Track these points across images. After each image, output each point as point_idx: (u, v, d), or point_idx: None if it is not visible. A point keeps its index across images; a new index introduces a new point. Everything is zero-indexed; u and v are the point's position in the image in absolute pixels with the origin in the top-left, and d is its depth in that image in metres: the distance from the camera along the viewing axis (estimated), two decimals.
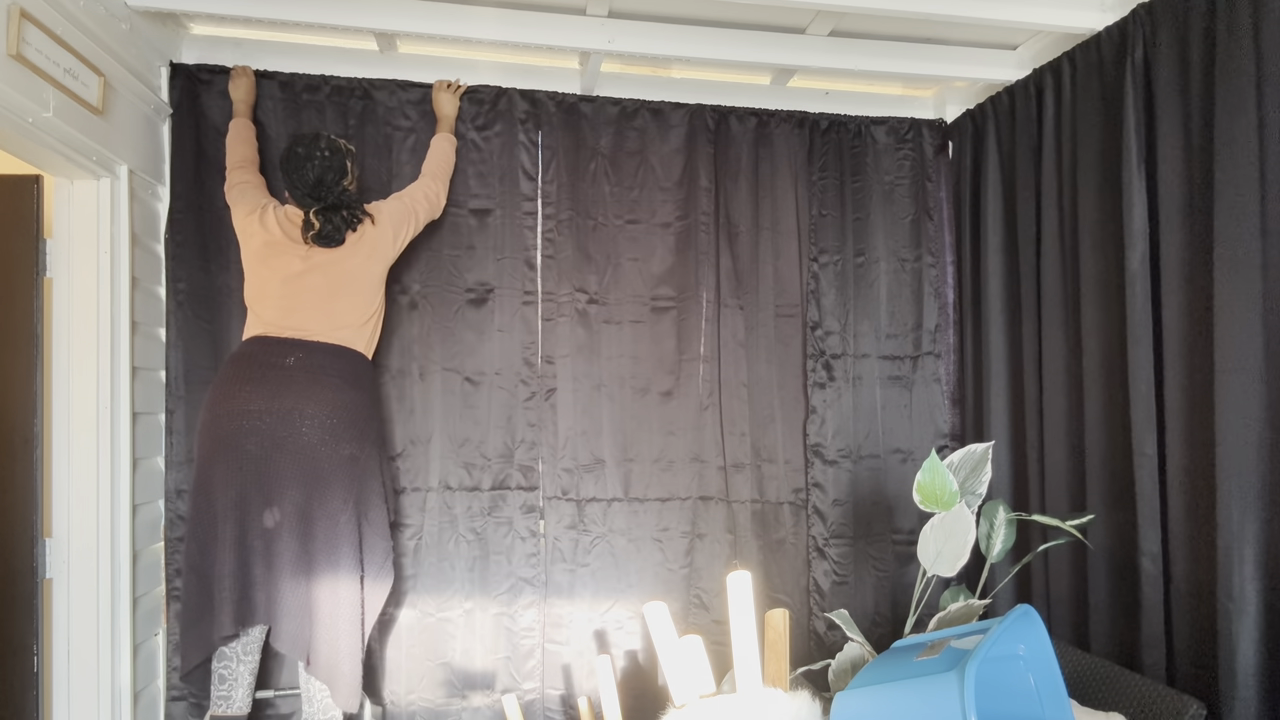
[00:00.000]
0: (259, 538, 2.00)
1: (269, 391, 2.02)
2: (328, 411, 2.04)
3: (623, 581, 2.62)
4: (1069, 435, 2.31)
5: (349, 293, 2.16)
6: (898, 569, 2.78)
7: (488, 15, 2.40)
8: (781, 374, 2.77)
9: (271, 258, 2.13)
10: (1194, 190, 1.92)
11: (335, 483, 2.04)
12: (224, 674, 2.06)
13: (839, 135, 2.84)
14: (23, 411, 2.17)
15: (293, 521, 2.00)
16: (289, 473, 2.00)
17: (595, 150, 2.68)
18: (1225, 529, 1.78)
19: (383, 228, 2.23)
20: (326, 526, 2.02)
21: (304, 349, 2.08)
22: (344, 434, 2.06)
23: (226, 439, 2.00)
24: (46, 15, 1.86)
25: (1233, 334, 1.78)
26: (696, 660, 1.82)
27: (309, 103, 2.50)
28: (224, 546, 1.99)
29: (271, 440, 2.00)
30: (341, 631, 2.03)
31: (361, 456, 2.11)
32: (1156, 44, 2.02)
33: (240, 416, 2.01)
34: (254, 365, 2.07)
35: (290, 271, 2.12)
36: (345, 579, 2.04)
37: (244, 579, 2.00)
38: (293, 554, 2.00)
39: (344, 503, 2.05)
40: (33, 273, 2.17)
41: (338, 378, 2.09)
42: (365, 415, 2.15)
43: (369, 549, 2.12)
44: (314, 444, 2.02)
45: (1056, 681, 1.66)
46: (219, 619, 1.99)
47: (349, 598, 2.05)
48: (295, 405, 2.02)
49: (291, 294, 2.11)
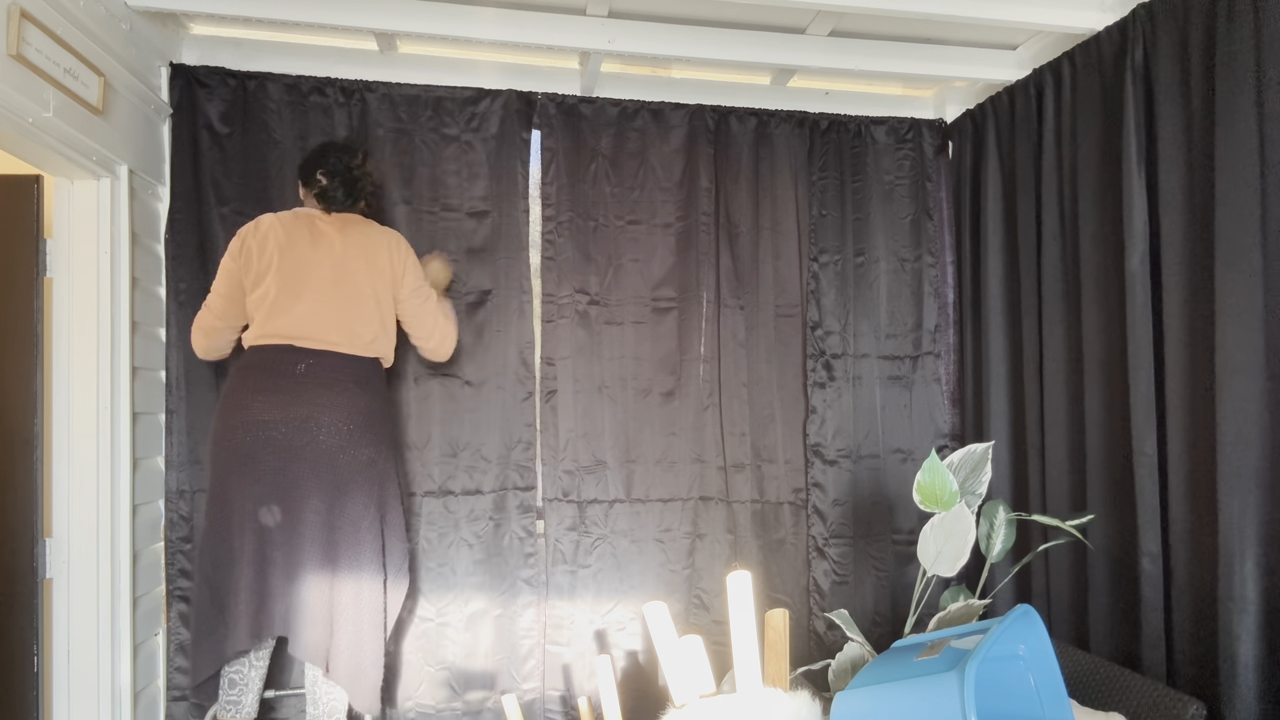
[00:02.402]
0: (279, 549, 1.98)
1: (283, 401, 2.01)
2: (343, 417, 2.03)
3: (625, 583, 2.62)
4: (1069, 435, 2.31)
5: (357, 302, 2.12)
6: (898, 569, 2.78)
7: (488, 15, 2.40)
8: (781, 374, 2.78)
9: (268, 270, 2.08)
10: (1194, 190, 1.92)
11: (355, 488, 2.03)
12: (235, 678, 2.05)
13: (839, 135, 2.84)
14: (23, 411, 2.17)
15: (315, 530, 1.99)
16: (308, 481, 1.99)
17: (595, 151, 2.68)
18: (1225, 529, 1.78)
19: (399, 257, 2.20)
20: (349, 532, 2.02)
21: (314, 356, 2.06)
22: (361, 438, 2.06)
23: (241, 451, 1.99)
24: (46, 15, 1.86)
25: (1233, 333, 1.78)
26: (697, 660, 1.82)
27: (316, 105, 2.50)
28: (241, 561, 1.98)
29: (288, 450, 1.98)
30: (365, 636, 2.03)
31: (379, 460, 2.11)
32: (1156, 44, 2.02)
33: (255, 427, 1.99)
34: (264, 374, 2.05)
35: (298, 280, 2.07)
36: (369, 583, 2.04)
37: (261, 592, 1.98)
38: (315, 562, 1.99)
39: (365, 507, 2.05)
40: (33, 273, 2.17)
41: (351, 383, 2.08)
42: (380, 418, 2.15)
43: (389, 551, 2.12)
44: (332, 450, 2.01)
45: (1056, 681, 1.66)
46: (234, 633, 1.97)
47: (372, 602, 2.04)
48: (310, 413, 2.01)
49: (303, 303, 2.07)
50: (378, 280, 2.16)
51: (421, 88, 2.56)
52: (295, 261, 2.09)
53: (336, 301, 2.09)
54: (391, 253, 2.19)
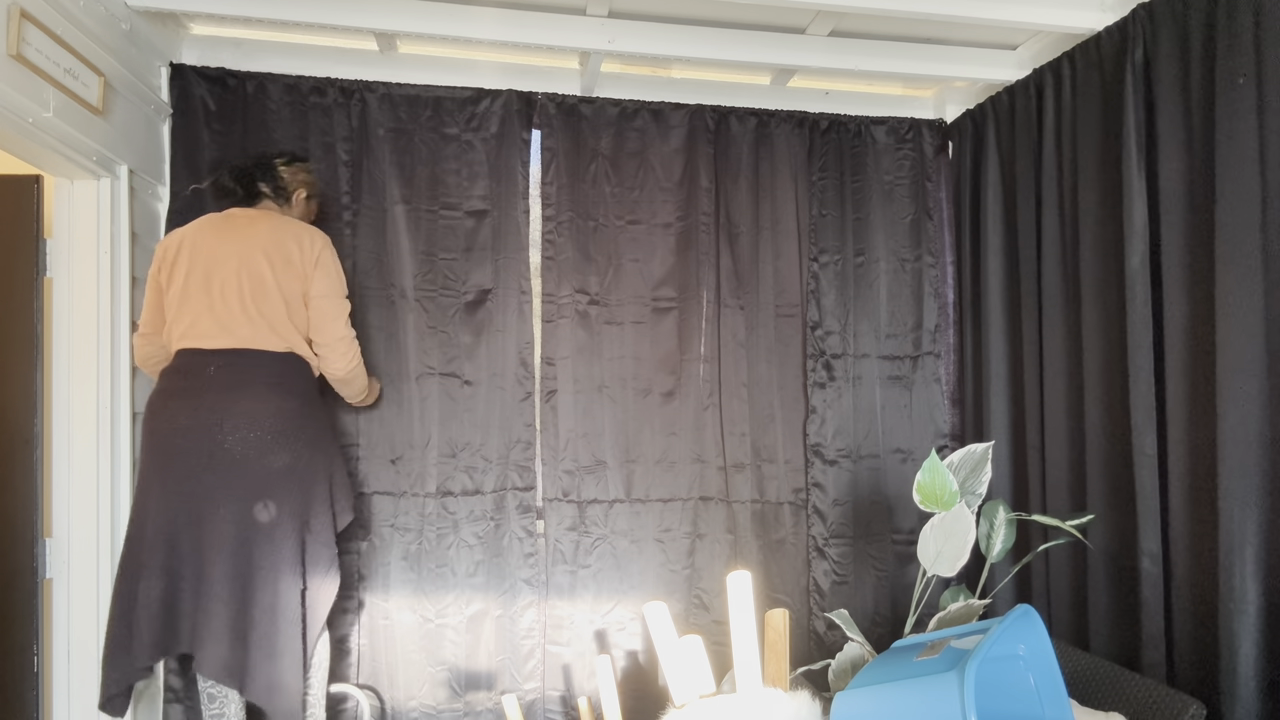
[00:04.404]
0: (188, 564, 1.90)
1: (191, 406, 1.92)
2: (249, 423, 1.92)
3: (625, 583, 2.62)
4: (1069, 435, 2.31)
5: (262, 294, 2.01)
6: (898, 569, 2.78)
7: (488, 15, 2.40)
8: (781, 374, 2.77)
9: (178, 277, 2.02)
10: (1194, 189, 1.92)
11: (270, 497, 1.92)
12: (212, 692, 1.95)
13: (839, 135, 2.84)
14: (23, 411, 2.17)
15: (225, 543, 1.88)
16: (218, 492, 1.89)
17: (595, 151, 2.68)
18: (1226, 529, 1.78)
19: (310, 253, 2.06)
20: (263, 542, 1.91)
21: (225, 357, 1.97)
22: (273, 444, 1.93)
23: (157, 459, 1.93)
24: (46, 15, 1.86)
25: (1234, 333, 1.78)
26: (697, 660, 1.82)
27: (316, 105, 2.50)
28: (150, 575, 1.90)
29: (197, 458, 1.89)
30: (281, 649, 1.92)
31: (299, 465, 1.98)
32: (1156, 44, 2.02)
33: (166, 435, 1.92)
34: (178, 377, 1.98)
35: (209, 280, 1.99)
36: (285, 596, 1.93)
37: (168, 607, 1.90)
38: (226, 577, 1.89)
39: (279, 515, 1.93)
40: (33, 273, 2.17)
41: (262, 384, 1.97)
42: (299, 420, 2.01)
43: (312, 560, 2.00)
44: (242, 458, 1.90)
45: (1056, 681, 1.66)
46: (135, 650, 1.89)
47: (289, 614, 1.93)
48: (217, 419, 1.90)
49: (211, 302, 1.99)
50: (284, 274, 2.02)
51: (421, 88, 2.56)
52: (202, 258, 2.01)
53: (242, 295, 1.98)
54: (302, 248, 2.05)
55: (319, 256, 2.08)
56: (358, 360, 2.16)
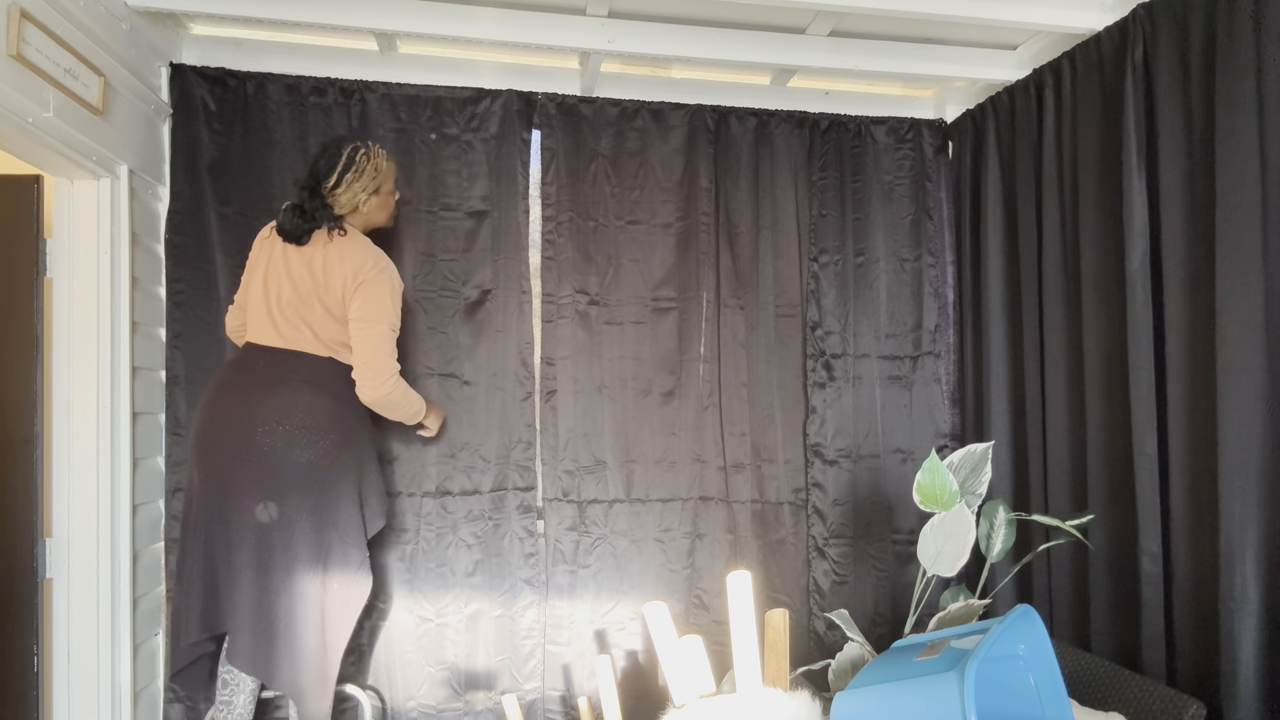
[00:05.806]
0: (219, 548, 1.97)
1: (232, 399, 2.00)
2: (281, 416, 1.97)
3: (625, 583, 2.62)
4: (1069, 435, 2.31)
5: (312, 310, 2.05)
6: (898, 569, 2.78)
7: (488, 15, 2.40)
8: (781, 374, 2.77)
9: (256, 270, 2.12)
10: (1195, 189, 1.92)
11: (291, 491, 1.96)
12: (226, 678, 2.01)
13: (839, 135, 2.84)
14: (23, 411, 2.17)
15: (249, 532, 1.94)
16: (247, 484, 1.95)
17: (595, 151, 2.68)
18: (1226, 528, 1.78)
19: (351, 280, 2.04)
20: (282, 537, 1.95)
21: (273, 355, 2.04)
22: (299, 439, 1.97)
23: (199, 448, 2.00)
24: (46, 15, 1.86)
25: (1234, 333, 1.78)
26: (696, 660, 1.82)
27: (316, 105, 2.50)
28: (193, 555, 1.99)
29: (230, 448, 1.96)
30: (302, 646, 1.96)
31: (323, 462, 2.00)
32: (1156, 44, 2.02)
33: (210, 422, 1.99)
34: (231, 369, 2.09)
35: (268, 279, 2.08)
36: (305, 592, 1.97)
37: (210, 588, 1.98)
38: (248, 566, 1.94)
39: (299, 511, 1.96)
40: (33, 273, 2.17)
41: (300, 381, 2.02)
42: (328, 419, 2.02)
43: (340, 560, 2.03)
44: (268, 450, 1.95)
45: (1056, 681, 1.66)
46: (189, 625, 1.98)
47: (309, 613, 1.97)
48: (250, 412, 1.97)
49: (268, 302, 2.07)
50: (326, 292, 2.05)
51: (421, 88, 2.56)
52: (273, 258, 2.09)
53: (294, 302, 2.05)
54: (345, 276, 2.04)
55: (364, 281, 2.04)
56: (389, 390, 2.07)
